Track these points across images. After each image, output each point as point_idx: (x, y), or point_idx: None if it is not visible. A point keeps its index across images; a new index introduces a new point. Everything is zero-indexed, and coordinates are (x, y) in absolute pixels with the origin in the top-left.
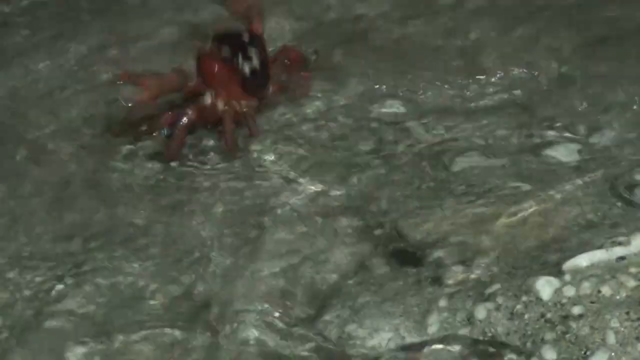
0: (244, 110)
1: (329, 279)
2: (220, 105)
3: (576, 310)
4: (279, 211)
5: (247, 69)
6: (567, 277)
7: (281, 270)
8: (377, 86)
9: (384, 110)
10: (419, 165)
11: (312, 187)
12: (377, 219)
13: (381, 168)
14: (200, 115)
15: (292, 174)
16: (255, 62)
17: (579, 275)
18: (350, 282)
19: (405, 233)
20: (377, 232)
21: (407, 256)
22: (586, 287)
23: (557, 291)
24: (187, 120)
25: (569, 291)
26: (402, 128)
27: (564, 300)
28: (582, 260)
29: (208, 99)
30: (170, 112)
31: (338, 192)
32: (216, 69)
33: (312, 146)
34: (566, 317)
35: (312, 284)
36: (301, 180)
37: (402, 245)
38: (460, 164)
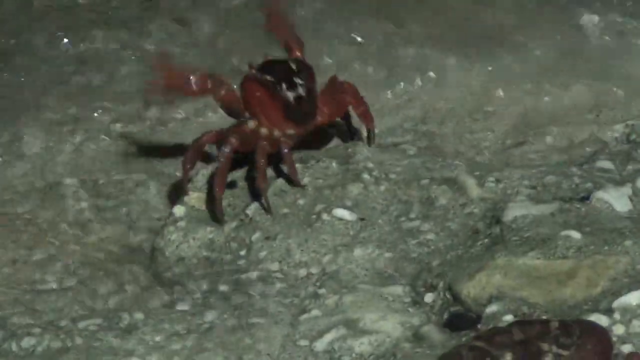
0: (282, 139)
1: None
2: (263, 132)
3: (626, 348)
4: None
5: (290, 96)
6: (617, 316)
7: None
8: None
9: None
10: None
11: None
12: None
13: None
14: (242, 142)
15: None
16: (301, 89)
17: (629, 313)
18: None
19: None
20: (430, 297)
21: (462, 320)
22: (636, 325)
23: (607, 329)
24: (230, 147)
25: (619, 330)
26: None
27: (614, 339)
28: (632, 298)
29: (251, 124)
30: (213, 131)
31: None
32: (258, 93)
33: None
34: (616, 356)
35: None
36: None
37: (457, 309)
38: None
